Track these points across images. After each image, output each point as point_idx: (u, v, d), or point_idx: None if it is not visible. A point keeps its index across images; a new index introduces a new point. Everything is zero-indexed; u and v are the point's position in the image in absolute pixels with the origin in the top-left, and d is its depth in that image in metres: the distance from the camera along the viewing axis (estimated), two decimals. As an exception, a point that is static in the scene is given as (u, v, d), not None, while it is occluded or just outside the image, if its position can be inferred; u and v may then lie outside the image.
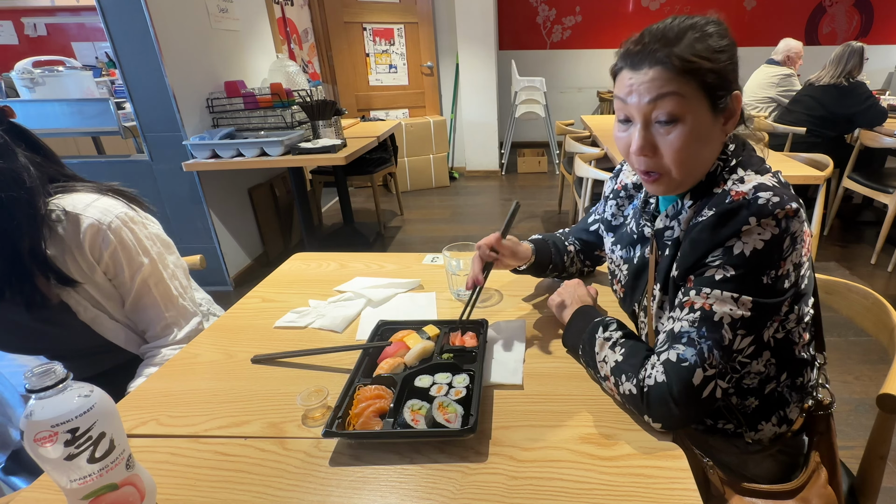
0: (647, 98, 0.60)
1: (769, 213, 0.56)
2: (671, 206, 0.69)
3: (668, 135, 0.60)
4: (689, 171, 0.63)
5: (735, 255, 0.57)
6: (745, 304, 0.57)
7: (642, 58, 0.60)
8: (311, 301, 0.96)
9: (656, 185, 0.65)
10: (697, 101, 0.59)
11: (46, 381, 0.43)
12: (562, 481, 0.54)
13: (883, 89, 4.61)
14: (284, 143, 2.16)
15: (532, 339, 0.81)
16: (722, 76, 0.59)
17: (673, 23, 0.61)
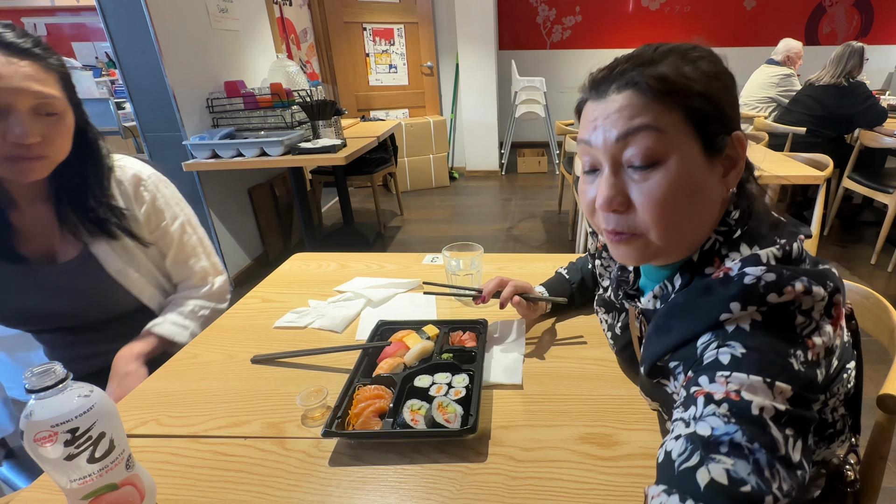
0: (614, 133, 0.45)
1: (759, 299, 0.41)
2: (659, 288, 0.53)
3: (645, 181, 0.45)
4: (675, 233, 0.47)
5: (733, 332, 0.42)
6: (784, 394, 0.38)
7: (609, 83, 0.46)
8: (311, 301, 0.96)
9: (627, 247, 0.49)
10: (683, 137, 0.45)
11: (46, 381, 0.43)
12: (562, 481, 0.53)
13: (883, 89, 4.61)
14: (284, 143, 2.16)
15: (532, 339, 0.81)
16: (715, 104, 0.45)
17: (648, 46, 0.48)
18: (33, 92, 0.69)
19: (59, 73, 0.74)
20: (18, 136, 0.68)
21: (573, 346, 0.78)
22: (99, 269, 0.86)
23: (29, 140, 0.69)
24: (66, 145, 0.77)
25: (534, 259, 1.12)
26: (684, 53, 0.47)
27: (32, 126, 0.70)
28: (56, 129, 0.74)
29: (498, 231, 3.20)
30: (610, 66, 0.48)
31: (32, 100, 0.70)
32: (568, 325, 0.84)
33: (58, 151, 0.76)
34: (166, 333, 0.89)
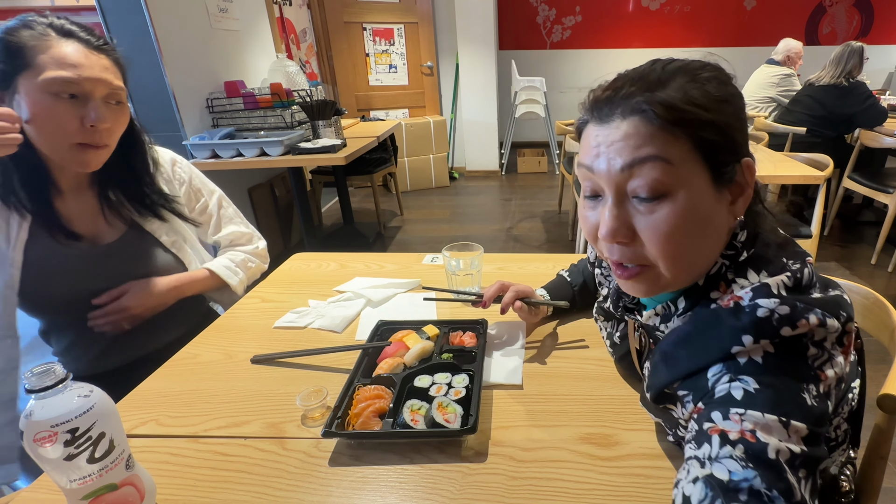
0: (619, 163, 0.43)
1: (773, 333, 0.40)
2: (661, 307, 0.53)
3: (651, 214, 0.43)
4: (684, 265, 0.46)
5: (745, 365, 0.41)
6: (799, 433, 0.38)
7: (612, 107, 0.44)
8: (311, 301, 0.96)
9: (635, 282, 0.48)
10: (691, 168, 0.43)
11: (46, 381, 0.43)
12: (562, 481, 0.53)
13: (883, 89, 4.61)
14: (284, 143, 2.15)
15: (532, 340, 0.81)
16: (726, 134, 0.43)
17: (655, 65, 0.45)
18: (108, 83, 0.77)
19: (122, 68, 0.82)
20: (94, 120, 0.75)
21: (573, 347, 0.78)
22: (154, 242, 0.93)
23: (105, 124, 0.76)
24: (120, 134, 0.84)
25: (534, 259, 1.12)
26: (693, 74, 0.44)
27: (107, 113, 0.77)
28: (120, 119, 0.81)
29: (498, 231, 3.20)
30: (614, 87, 0.45)
31: (106, 89, 0.77)
32: (569, 328, 0.84)
33: (115, 140, 0.83)
34: (218, 271, 0.98)
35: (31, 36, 0.72)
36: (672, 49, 5.48)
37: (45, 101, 0.72)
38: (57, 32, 0.73)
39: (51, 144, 0.76)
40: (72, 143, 0.76)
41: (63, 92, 0.72)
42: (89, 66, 0.74)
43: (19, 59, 0.71)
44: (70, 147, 0.76)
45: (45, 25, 0.73)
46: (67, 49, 0.73)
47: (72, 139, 0.75)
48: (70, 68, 0.72)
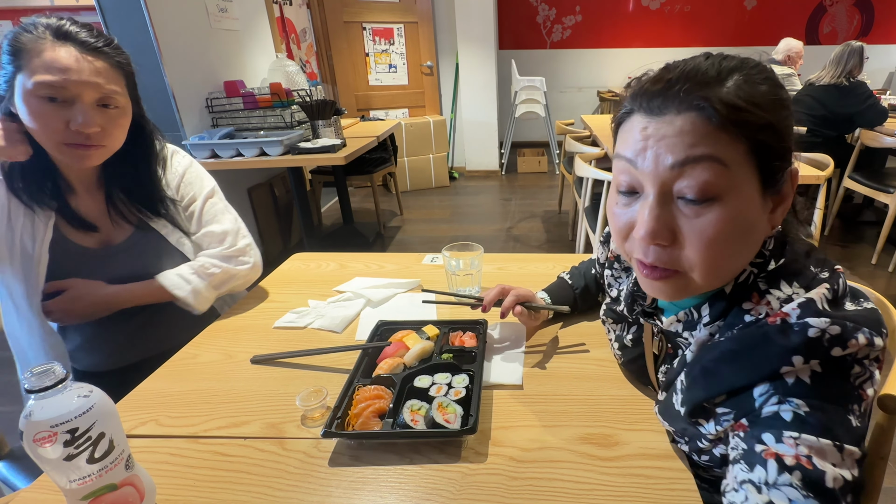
0: (670, 159, 0.41)
1: (823, 354, 0.39)
2: (684, 314, 0.51)
3: (698, 217, 0.41)
4: (719, 274, 0.44)
5: (792, 385, 0.40)
6: (853, 457, 0.38)
7: (667, 99, 0.41)
8: (311, 301, 0.96)
9: (663, 284, 0.46)
10: (744, 172, 0.41)
11: (46, 382, 0.43)
12: (562, 482, 0.53)
13: (883, 89, 4.61)
14: (284, 142, 2.15)
15: (532, 340, 0.81)
16: (782, 138, 0.42)
17: (710, 60, 0.43)
18: (99, 87, 0.76)
19: (124, 70, 0.81)
20: (80, 125, 0.74)
21: (573, 347, 0.78)
22: (161, 240, 0.93)
23: (89, 130, 0.75)
24: (121, 136, 0.83)
25: (534, 259, 1.12)
26: (749, 74, 0.42)
27: (94, 117, 0.76)
28: (115, 122, 0.80)
29: (498, 231, 3.20)
30: (667, 80, 0.42)
31: (97, 94, 0.76)
32: (570, 330, 0.84)
33: (114, 142, 0.82)
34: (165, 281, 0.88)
35: (30, 39, 0.73)
36: (672, 49, 5.48)
37: (33, 104, 0.73)
38: (53, 35, 0.73)
39: (44, 143, 0.77)
40: (60, 143, 0.76)
41: (48, 95, 0.73)
42: (78, 70, 0.73)
43: (18, 62, 0.73)
44: (59, 145, 0.76)
45: (44, 28, 0.74)
46: (59, 53, 0.73)
47: (60, 139, 0.76)
48: (57, 73, 0.72)
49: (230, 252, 0.95)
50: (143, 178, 0.91)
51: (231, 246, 0.96)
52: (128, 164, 0.88)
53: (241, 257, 0.96)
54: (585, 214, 2.14)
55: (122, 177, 0.89)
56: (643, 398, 0.65)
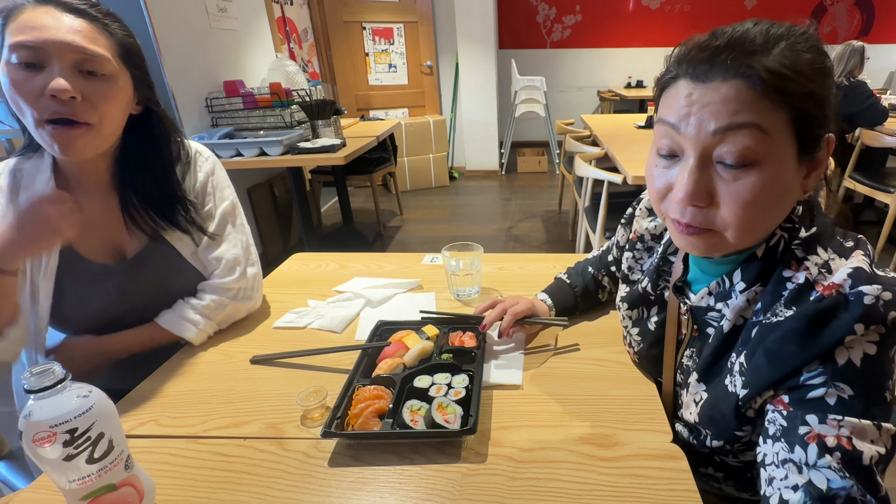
0: (713, 125, 0.42)
1: (881, 318, 0.40)
2: (715, 284, 0.52)
3: (736, 181, 0.43)
4: (752, 234, 0.46)
5: (843, 367, 0.41)
6: (888, 433, 0.41)
7: (713, 66, 0.42)
8: (310, 301, 0.96)
9: (699, 240, 0.47)
10: (784, 141, 0.42)
11: (45, 382, 0.43)
12: (562, 482, 0.53)
13: (884, 88, 4.61)
14: (283, 142, 2.15)
15: (532, 340, 0.81)
16: (823, 107, 0.43)
17: (757, 27, 0.44)
18: (76, 46, 0.65)
19: (116, 37, 0.71)
20: (53, 87, 0.63)
21: (573, 347, 0.78)
22: (175, 254, 0.84)
23: (65, 94, 0.64)
24: (114, 114, 0.71)
25: (534, 259, 1.12)
26: (794, 42, 0.43)
27: (72, 80, 0.65)
28: (103, 93, 0.68)
29: (498, 231, 3.20)
30: (714, 47, 0.43)
31: (76, 55, 0.65)
32: (569, 331, 0.83)
33: (104, 120, 0.70)
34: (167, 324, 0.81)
35: (13, 8, 0.65)
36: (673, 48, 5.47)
37: (10, 71, 0.64)
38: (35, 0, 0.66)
39: (25, 122, 0.67)
40: (40, 120, 0.66)
41: (24, 60, 0.64)
42: (55, 27, 0.64)
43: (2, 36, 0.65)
44: (41, 123, 0.66)
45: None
46: (37, 13, 0.65)
47: (39, 113, 0.65)
48: (30, 31, 0.63)
49: (238, 285, 0.87)
50: (156, 178, 0.81)
51: (241, 277, 0.87)
52: (138, 160, 0.79)
53: (249, 292, 0.89)
54: (585, 214, 2.14)
55: (133, 176, 0.80)
56: (643, 398, 0.65)
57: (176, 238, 0.84)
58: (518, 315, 0.76)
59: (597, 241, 1.95)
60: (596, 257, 0.87)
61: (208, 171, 0.88)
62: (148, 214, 0.81)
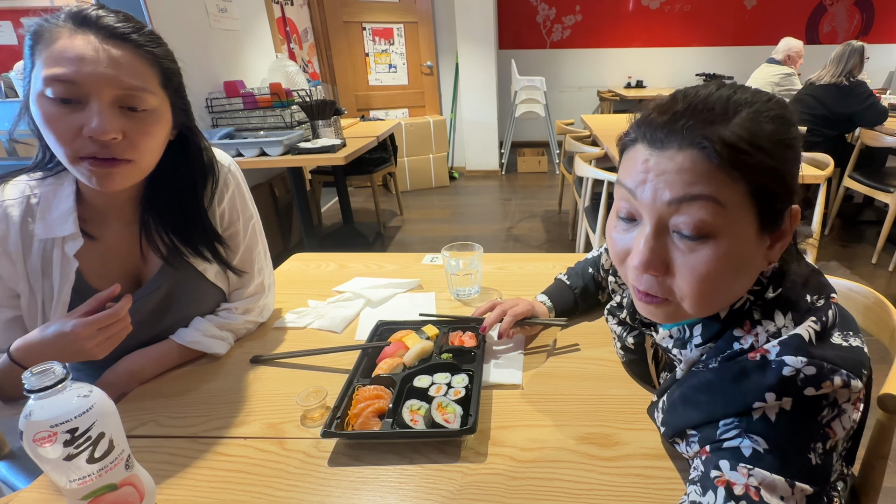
0: (668, 195, 0.41)
1: (794, 392, 0.39)
2: (676, 330, 0.52)
3: (692, 252, 0.42)
4: (710, 305, 0.45)
5: (756, 421, 0.41)
6: (803, 493, 0.39)
7: (670, 133, 0.41)
8: (310, 301, 0.96)
9: (657, 310, 0.47)
10: (742, 213, 0.41)
11: (45, 381, 0.43)
12: (562, 482, 0.53)
13: (884, 88, 4.61)
14: (284, 143, 2.15)
15: (532, 340, 0.81)
16: (784, 181, 0.41)
17: (720, 92, 0.42)
18: (118, 81, 0.59)
19: (159, 66, 0.65)
20: (94, 130, 0.58)
21: (573, 347, 0.78)
22: (197, 276, 0.79)
23: (107, 136, 0.59)
24: (155, 149, 0.66)
25: (534, 259, 1.12)
26: (758, 111, 0.41)
27: (113, 120, 0.59)
28: (142, 128, 0.63)
29: (498, 231, 3.20)
30: (673, 113, 0.42)
31: (116, 89, 0.59)
32: (569, 331, 0.83)
33: (144, 156, 0.65)
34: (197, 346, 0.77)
35: (46, 28, 0.58)
36: (672, 48, 5.48)
37: (44, 106, 0.58)
38: (73, 22, 0.59)
39: (61, 157, 0.61)
40: (76, 157, 0.60)
41: (60, 95, 0.58)
42: (94, 60, 0.57)
43: (33, 57, 0.59)
44: (76, 160, 0.60)
45: (66, 15, 0.59)
46: (75, 41, 0.58)
47: (75, 152, 0.60)
48: (67, 63, 0.57)
49: (254, 306, 0.86)
50: (187, 209, 0.74)
51: (257, 297, 0.86)
52: (169, 187, 0.73)
53: (263, 312, 0.88)
54: (585, 214, 2.14)
55: (161, 203, 0.73)
56: (643, 398, 0.65)
57: (199, 261, 0.79)
58: (518, 316, 0.76)
59: (597, 241, 1.95)
60: (595, 257, 0.87)
61: (233, 185, 0.82)
62: (173, 243, 0.75)
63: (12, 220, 0.67)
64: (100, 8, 0.61)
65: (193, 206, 0.76)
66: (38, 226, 0.67)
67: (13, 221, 0.67)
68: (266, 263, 0.90)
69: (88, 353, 0.63)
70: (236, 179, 0.82)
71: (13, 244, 0.67)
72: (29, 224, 0.67)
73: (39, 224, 0.67)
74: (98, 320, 0.62)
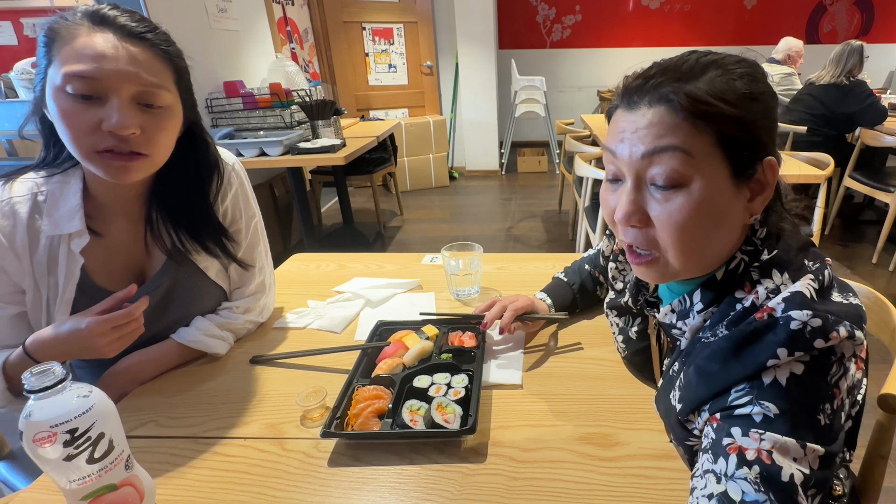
0: (640, 150, 0.44)
1: (807, 345, 0.40)
2: (677, 302, 0.53)
3: (667, 202, 0.44)
4: (693, 257, 0.47)
5: (767, 387, 0.42)
6: (815, 454, 0.40)
7: (641, 94, 0.45)
8: (310, 301, 0.96)
9: (647, 269, 0.49)
10: (711, 162, 0.43)
11: (45, 382, 0.43)
12: (562, 482, 0.53)
13: (884, 88, 4.62)
14: (284, 143, 2.15)
15: (531, 339, 0.81)
16: (750, 131, 0.44)
17: (690, 56, 0.46)
18: (138, 78, 0.62)
19: (173, 64, 0.68)
20: (114, 125, 0.60)
21: (573, 347, 0.78)
22: (198, 273, 0.80)
23: (126, 131, 0.61)
24: (168, 144, 0.69)
25: (534, 259, 1.12)
26: (726, 69, 0.44)
27: (132, 116, 0.62)
28: (159, 125, 0.65)
29: (498, 231, 3.20)
30: (646, 75, 0.46)
31: (136, 86, 0.62)
32: (569, 328, 0.84)
33: (159, 150, 0.67)
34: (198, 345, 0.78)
35: (63, 26, 0.60)
36: (672, 48, 5.47)
37: (62, 101, 0.60)
38: (90, 20, 0.61)
39: (74, 152, 0.63)
40: (94, 151, 0.62)
41: (80, 92, 0.59)
42: (114, 57, 0.60)
43: (50, 53, 0.60)
44: (92, 154, 0.62)
45: (82, 14, 0.61)
46: (94, 39, 0.60)
47: (92, 146, 0.62)
48: (88, 61, 0.59)
49: (255, 306, 0.87)
50: (193, 204, 0.76)
51: (258, 296, 0.87)
52: (176, 182, 0.75)
53: (263, 311, 0.89)
54: (585, 214, 2.14)
55: (168, 198, 0.75)
56: (643, 397, 0.65)
57: (202, 258, 0.80)
58: (518, 311, 0.76)
59: (596, 241, 1.95)
60: (592, 255, 0.87)
61: (237, 183, 0.83)
62: (178, 238, 0.76)
63: (20, 216, 0.67)
64: (114, 7, 0.63)
65: (200, 200, 0.77)
66: (44, 222, 0.68)
67: (20, 218, 0.67)
68: (267, 262, 0.91)
69: (100, 350, 0.63)
70: (240, 178, 0.84)
71: (20, 240, 0.68)
72: (36, 220, 0.68)
73: (46, 221, 0.68)
74: (113, 319, 0.63)
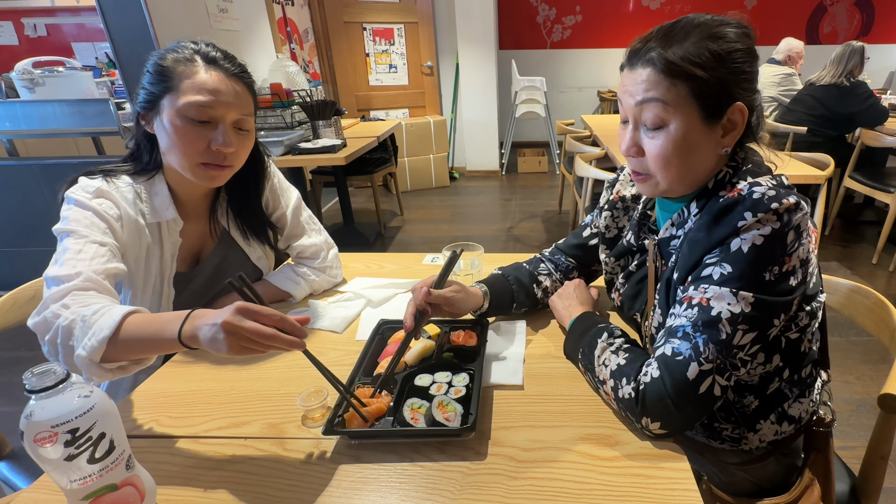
0: (633, 101, 0.59)
1: (766, 208, 0.54)
2: (676, 215, 0.66)
3: (652, 139, 0.59)
4: (676, 178, 0.61)
5: (733, 253, 0.55)
6: (746, 300, 0.54)
7: (637, 56, 0.59)
8: (311, 301, 0.96)
9: (643, 185, 0.65)
10: (686, 109, 0.57)
11: (46, 382, 0.43)
12: (562, 482, 0.53)
13: (884, 89, 4.61)
14: (284, 143, 2.16)
15: (532, 339, 0.81)
16: (718, 85, 0.56)
17: (684, 21, 0.59)
18: (239, 108, 0.80)
19: (254, 96, 0.85)
20: (220, 144, 0.78)
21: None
22: (243, 256, 0.97)
23: (228, 150, 0.79)
24: (246, 157, 0.86)
25: (534, 259, 1.11)
26: (709, 30, 0.57)
27: (234, 138, 0.80)
28: (245, 144, 0.83)
29: (498, 231, 3.20)
30: (644, 39, 0.59)
31: (236, 115, 0.80)
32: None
33: (240, 163, 0.85)
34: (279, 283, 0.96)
35: (178, 60, 0.77)
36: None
37: (180, 123, 0.76)
38: (203, 60, 0.78)
39: (180, 161, 0.79)
40: (197, 163, 0.79)
41: (196, 117, 0.76)
42: (225, 92, 0.77)
43: (166, 83, 0.76)
44: (195, 165, 0.79)
45: (193, 51, 0.78)
46: (211, 76, 0.77)
47: (198, 159, 0.79)
48: (207, 94, 0.76)
49: (324, 265, 1.01)
50: (253, 202, 0.95)
51: (324, 259, 1.01)
52: (243, 186, 0.93)
53: (334, 271, 1.03)
54: (586, 214, 2.14)
55: (235, 199, 0.94)
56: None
57: (247, 244, 0.97)
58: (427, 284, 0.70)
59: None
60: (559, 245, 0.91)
61: (273, 175, 1.00)
62: (231, 227, 0.95)
63: (126, 204, 0.81)
64: (216, 50, 0.81)
65: (255, 196, 0.96)
66: (147, 211, 0.83)
67: (126, 206, 0.81)
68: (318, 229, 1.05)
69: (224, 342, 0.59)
70: (273, 170, 1.01)
71: (127, 223, 0.81)
72: (139, 206, 0.83)
73: (148, 210, 0.83)
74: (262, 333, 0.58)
